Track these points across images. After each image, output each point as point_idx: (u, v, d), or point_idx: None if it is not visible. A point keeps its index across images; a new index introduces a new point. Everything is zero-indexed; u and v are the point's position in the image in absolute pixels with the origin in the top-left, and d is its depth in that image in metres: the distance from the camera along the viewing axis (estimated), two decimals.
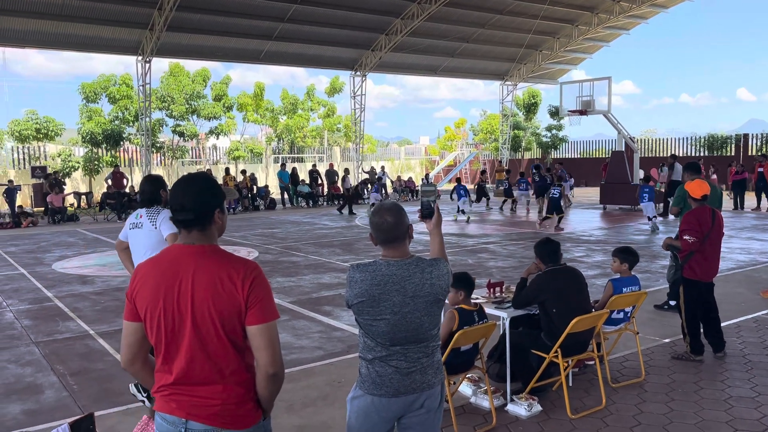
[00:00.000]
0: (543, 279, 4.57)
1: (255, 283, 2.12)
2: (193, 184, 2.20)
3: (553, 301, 4.45)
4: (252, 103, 33.09)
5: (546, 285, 4.52)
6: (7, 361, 5.86)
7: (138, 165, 28.33)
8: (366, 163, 33.31)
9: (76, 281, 9.71)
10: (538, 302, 4.54)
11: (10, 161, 26.74)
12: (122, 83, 27.50)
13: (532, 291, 4.58)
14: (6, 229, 18.05)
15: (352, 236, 14.75)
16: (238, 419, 2.15)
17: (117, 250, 4.78)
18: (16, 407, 4.76)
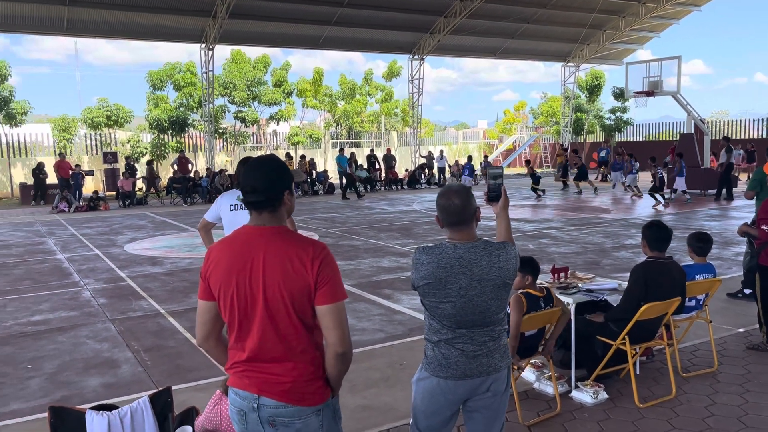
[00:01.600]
0: (636, 272, 4.32)
1: (324, 264, 2.16)
2: (264, 167, 2.24)
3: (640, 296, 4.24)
4: (311, 88, 33.40)
5: (637, 277, 4.27)
6: (86, 336, 6.17)
7: (201, 150, 29.13)
8: (423, 148, 33.17)
9: (147, 262, 10.11)
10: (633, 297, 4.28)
11: (83, 147, 27.95)
12: (186, 71, 28.26)
13: (629, 288, 4.32)
14: (80, 212, 18.94)
15: (410, 221, 14.76)
16: (308, 396, 2.19)
17: (200, 230, 4.89)
18: (95, 380, 5.02)
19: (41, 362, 5.47)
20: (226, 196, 4.82)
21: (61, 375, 5.16)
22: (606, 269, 8.56)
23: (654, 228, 4.33)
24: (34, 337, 6.20)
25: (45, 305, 7.44)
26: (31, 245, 12.21)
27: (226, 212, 4.74)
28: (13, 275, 9.28)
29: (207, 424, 2.70)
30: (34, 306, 7.41)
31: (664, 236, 4.32)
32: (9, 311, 7.20)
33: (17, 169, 24.90)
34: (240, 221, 4.71)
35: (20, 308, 7.31)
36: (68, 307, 7.36)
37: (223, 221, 4.79)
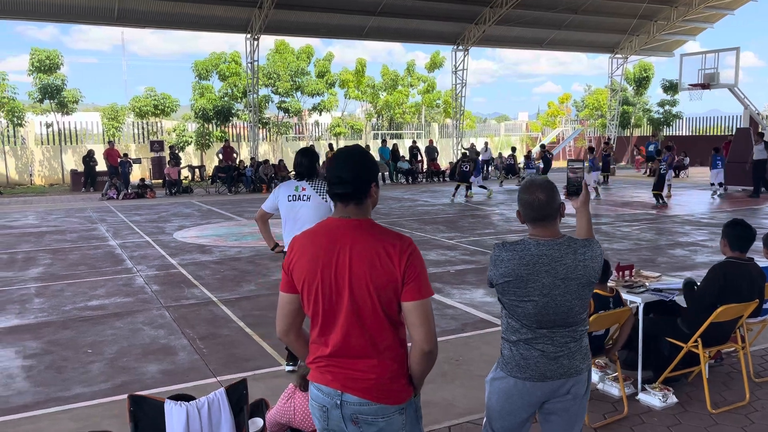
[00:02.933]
0: (714, 271, 4.12)
1: (412, 259, 2.09)
2: (352, 158, 2.18)
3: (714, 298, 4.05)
4: (353, 79, 33.39)
5: (713, 278, 4.08)
6: (142, 323, 6.27)
7: (245, 140, 29.43)
8: (465, 140, 32.86)
9: (196, 250, 10.24)
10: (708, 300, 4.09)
11: (131, 136, 28.54)
12: (231, 61, 28.54)
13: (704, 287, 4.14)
14: (128, 199, 19.35)
15: (454, 213, 14.62)
16: (392, 394, 2.13)
17: (258, 221, 4.92)
18: (153, 367, 5.08)
19: (101, 347, 5.56)
20: (283, 186, 4.81)
21: (120, 360, 5.23)
22: (662, 267, 8.29)
23: (738, 227, 4.12)
24: (92, 321, 6.32)
25: (101, 290, 7.59)
26: (84, 231, 12.51)
27: (284, 203, 4.73)
28: (69, 260, 9.51)
29: (279, 417, 2.67)
30: (90, 291, 7.57)
31: (748, 236, 4.10)
32: (67, 296, 7.36)
33: (68, 156, 25.58)
34: (298, 212, 4.74)
35: (78, 293, 7.48)
36: (123, 293, 7.49)
37: (281, 211, 4.78)
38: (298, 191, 4.68)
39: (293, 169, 4.92)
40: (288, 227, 4.72)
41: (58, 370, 5.01)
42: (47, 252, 10.20)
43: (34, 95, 24.28)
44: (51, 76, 24.23)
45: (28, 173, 24.95)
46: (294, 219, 4.67)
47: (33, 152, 25.43)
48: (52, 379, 4.83)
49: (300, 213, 4.65)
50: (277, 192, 4.81)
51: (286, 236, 4.76)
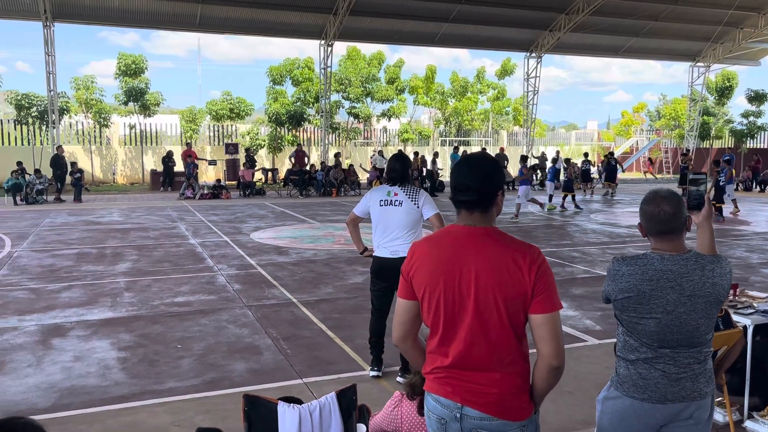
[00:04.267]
0: None
1: (541, 270, 2.02)
2: (479, 165, 2.13)
3: None
4: (423, 85, 33.40)
5: None
6: (226, 321, 6.41)
7: (315, 144, 29.91)
8: (535, 148, 32.29)
9: (273, 251, 10.43)
10: None
11: (207, 138, 29.49)
12: (305, 66, 29.09)
13: None
14: (205, 199, 19.97)
15: (527, 223, 14.34)
16: (514, 410, 2.07)
17: (349, 224, 4.97)
18: (240, 365, 5.17)
19: (189, 342, 5.72)
20: (376, 191, 4.83)
21: (208, 357, 5.36)
22: (756, 287, 7.84)
23: None
24: (179, 317, 6.52)
25: (185, 287, 7.82)
26: (166, 229, 12.97)
27: (375, 207, 4.74)
28: (154, 257, 9.87)
29: (386, 425, 2.64)
30: (175, 287, 7.81)
31: None
32: (154, 291, 7.63)
33: (148, 157, 26.67)
34: (389, 217, 4.74)
35: (164, 289, 7.73)
36: (206, 291, 7.69)
37: (372, 216, 4.79)
38: (390, 196, 4.69)
39: (386, 174, 4.93)
40: (378, 232, 4.72)
41: (151, 364, 5.18)
42: (133, 248, 10.63)
43: (120, 98, 25.45)
44: (135, 79, 25.35)
45: (112, 172, 26.15)
46: (385, 224, 4.67)
47: (116, 152, 26.65)
48: (146, 372, 5.00)
49: (391, 218, 4.65)
50: (369, 196, 4.83)
51: (376, 240, 4.77)
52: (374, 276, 4.88)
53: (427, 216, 4.65)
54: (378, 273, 4.81)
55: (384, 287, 4.84)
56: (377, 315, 4.92)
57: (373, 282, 4.91)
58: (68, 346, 5.58)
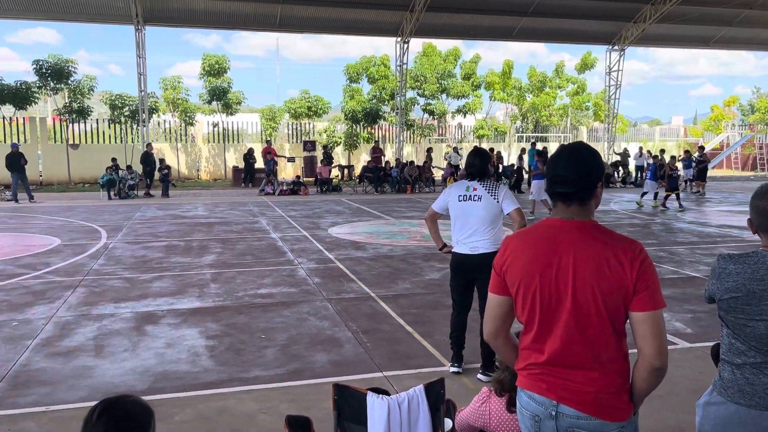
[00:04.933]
0: None
1: (644, 266, 1.94)
2: (577, 156, 2.07)
3: None
4: (499, 81, 32.91)
5: None
6: (307, 313, 6.55)
7: (390, 141, 30.06)
8: (617, 144, 31.17)
9: (350, 246, 10.57)
10: None
11: (285, 136, 30.22)
12: (381, 64, 29.28)
13: None
14: (283, 195, 20.48)
15: (610, 221, 13.87)
16: (613, 411, 2.00)
17: (427, 220, 4.99)
18: (322, 356, 5.27)
19: (273, 333, 5.88)
20: (454, 186, 4.81)
21: (291, 348, 5.49)
22: None
23: None
24: (263, 308, 6.71)
25: (267, 280, 8.05)
26: (248, 224, 13.39)
27: (454, 203, 4.71)
28: (237, 250, 10.21)
29: (473, 421, 2.63)
30: (258, 280, 8.05)
31: None
32: (238, 283, 7.89)
33: (230, 154, 27.61)
34: (469, 212, 4.69)
35: (247, 281, 7.99)
36: (288, 283, 7.89)
37: (451, 212, 4.77)
38: (469, 191, 4.66)
39: (465, 169, 4.90)
40: (458, 227, 4.70)
41: (237, 352, 5.36)
42: (217, 241, 11.03)
43: (204, 97, 26.46)
44: (218, 79, 26.28)
45: (196, 168, 27.24)
46: (464, 219, 4.65)
47: (201, 149, 27.74)
48: (233, 360, 5.17)
49: (471, 213, 4.62)
50: (448, 192, 4.82)
51: (455, 236, 4.75)
52: (453, 272, 4.86)
53: (507, 210, 4.58)
54: (457, 269, 4.79)
55: (464, 283, 4.81)
56: (457, 311, 4.90)
57: (453, 278, 4.89)
58: (160, 333, 5.85)
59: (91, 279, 8.02)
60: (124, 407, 1.92)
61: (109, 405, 1.90)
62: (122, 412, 1.90)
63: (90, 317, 6.34)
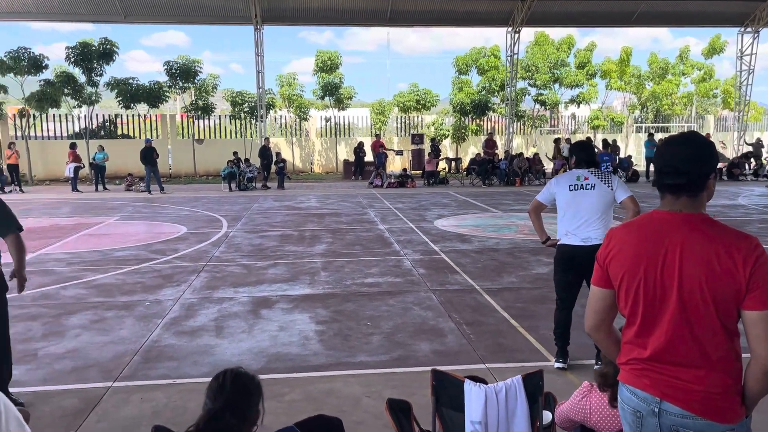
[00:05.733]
0: None
1: (759, 263, 1.85)
2: (689, 146, 1.99)
3: None
4: (616, 69, 31.41)
5: None
6: (411, 303, 6.67)
7: (499, 133, 29.60)
8: (748, 134, 28.81)
9: (456, 239, 10.59)
10: None
11: (394, 129, 30.60)
12: (491, 55, 28.88)
13: None
14: (391, 187, 20.80)
15: (737, 217, 12.91)
16: (722, 412, 1.92)
17: (531, 212, 4.96)
18: (425, 346, 5.36)
19: (378, 321, 6.05)
20: (562, 177, 4.75)
21: (395, 335, 5.63)
22: None
23: None
24: (369, 297, 6.91)
25: (374, 269, 8.26)
26: (357, 215, 13.76)
27: (564, 193, 4.63)
28: (346, 240, 10.54)
29: (573, 414, 2.61)
30: (365, 269, 8.29)
31: None
32: (347, 272, 8.16)
33: (341, 147, 28.39)
34: (580, 201, 4.60)
35: (355, 270, 8.24)
36: (393, 273, 8.05)
37: (559, 202, 4.69)
38: (580, 180, 4.59)
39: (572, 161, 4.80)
40: (568, 217, 4.63)
41: (345, 338, 5.57)
42: (328, 232, 11.44)
43: (317, 93, 27.36)
44: (331, 75, 27.06)
45: (309, 162, 28.27)
46: (575, 209, 4.58)
47: (314, 143, 28.75)
48: (340, 345, 5.39)
49: (583, 202, 4.55)
50: (555, 182, 4.76)
51: (563, 227, 4.67)
52: (561, 266, 4.77)
53: (620, 198, 4.48)
54: (566, 262, 4.69)
55: (572, 278, 4.71)
56: (563, 306, 4.81)
57: (560, 272, 4.80)
58: (274, 317, 6.20)
59: (213, 265, 8.61)
60: (246, 378, 2.12)
61: (237, 375, 2.11)
62: (245, 382, 2.10)
63: (212, 300, 6.83)
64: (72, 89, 22.98)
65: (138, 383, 4.61)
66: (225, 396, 2.07)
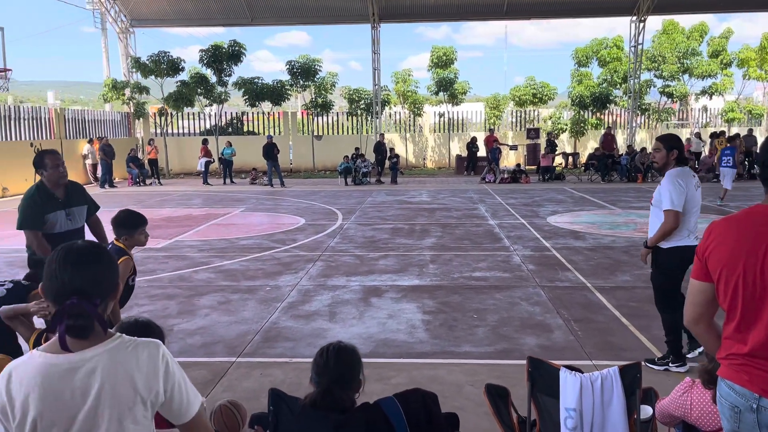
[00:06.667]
0: None
1: None
2: None
3: None
4: (756, 57, 28.93)
5: None
6: (519, 298, 6.68)
7: (621, 127, 28.29)
8: None
9: (569, 235, 10.37)
10: None
11: (509, 124, 30.14)
12: (613, 46, 27.64)
13: None
14: (504, 183, 20.57)
15: None
16: None
17: (674, 228, 4.73)
18: (531, 340, 5.39)
19: (484, 314, 6.13)
20: (683, 175, 4.59)
21: (501, 329, 5.69)
22: None
23: None
24: (476, 290, 7.00)
25: (482, 264, 8.32)
26: (467, 210, 13.81)
27: (692, 192, 4.61)
28: (455, 234, 10.65)
29: (673, 410, 2.59)
30: (473, 263, 8.36)
31: None
32: (455, 265, 8.28)
33: (454, 143, 28.40)
34: (699, 199, 4.53)
35: (463, 264, 8.34)
36: (501, 268, 8.07)
37: (688, 205, 4.52)
38: (695, 178, 4.61)
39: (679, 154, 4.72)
40: (693, 218, 4.65)
41: (450, 328, 5.71)
42: (438, 226, 11.60)
43: (432, 88, 27.52)
44: (446, 70, 27.12)
45: (422, 157, 28.54)
46: (697, 208, 4.68)
47: (427, 139, 28.98)
48: (446, 335, 5.54)
49: (699, 201, 4.59)
50: (683, 183, 4.47)
51: (688, 228, 4.58)
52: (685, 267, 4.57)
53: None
54: (689, 263, 4.57)
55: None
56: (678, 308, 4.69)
57: (681, 273, 4.65)
58: (383, 305, 6.46)
59: (328, 255, 9.05)
60: (347, 352, 2.34)
61: (339, 350, 2.33)
62: (347, 356, 2.32)
63: (326, 287, 7.22)
64: (204, 89, 24.73)
65: (258, 360, 5.03)
66: (330, 372, 2.29)
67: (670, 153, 4.58)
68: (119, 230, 3.90)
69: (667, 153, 4.58)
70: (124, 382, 1.57)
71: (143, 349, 1.62)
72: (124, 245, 3.89)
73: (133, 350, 1.61)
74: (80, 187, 4.93)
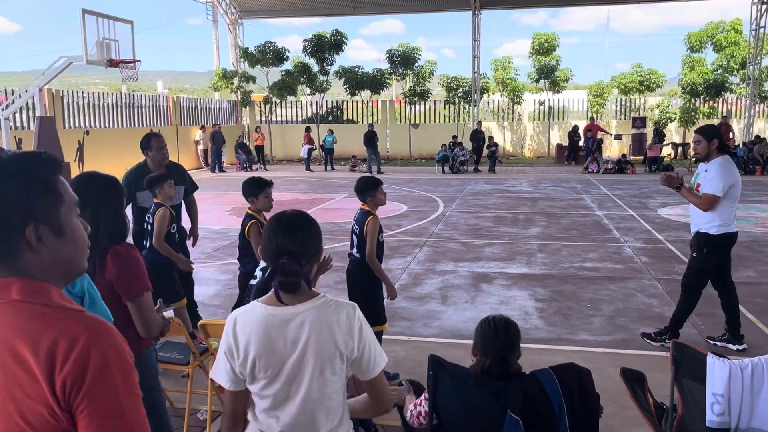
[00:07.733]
0: None
1: None
2: None
3: None
4: None
5: None
6: (634, 289, 6.56)
7: (736, 116, 26.59)
8: None
9: (683, 228, 9.96)
10: None
11: (612, 112, 29.02)
12: (731, 29, 25.93)
13: None
14: (608, 173, 19.92)
15: None
16: None
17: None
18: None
19: (598, 304, 6.09)
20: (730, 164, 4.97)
21: (617, 319, 5.64)
22: None
23: None
24: (588, 280, 6.93)
25: (593, 255, 8.19)
26: (572, 200, 13.53)
27: (738, 181, 4.71)
28: (561, 224, 10.50)
29: None
30: (583, 254, 8.25)
31: None
32: (564, 255, 8.21)
33: (554, 132, 27.73)
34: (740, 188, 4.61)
35: (573, 254, 8.25)
36: (613, 260, 7.92)
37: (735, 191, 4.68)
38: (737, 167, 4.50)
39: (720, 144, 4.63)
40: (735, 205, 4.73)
41: (565, 316, 5.72)
42: (542, 215, 11.47)
43: (532, 76, 26.98)
44: (547, 57, 26.48)
45: (520, 146, 28.09)
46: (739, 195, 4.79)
47: (526, 127, 28.47)
48: (561, 323, 5.56)
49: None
50: (733, 174, 4.69)
51: (729, 215, 4.90)
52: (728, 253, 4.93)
53: None
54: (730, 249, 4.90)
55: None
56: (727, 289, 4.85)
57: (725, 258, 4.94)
58: (494, 291, 6.55)
59: (434, 240, 9.21)
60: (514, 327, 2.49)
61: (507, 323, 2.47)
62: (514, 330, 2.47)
63: (435, 272, 7.38)
64: (307, 78, 25.49)
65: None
66: (501, 340, 2.43)
67: (710, 143, 4.67)
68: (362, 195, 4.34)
69: (708, 143, 4.66)
70: (327, 336, 1.79)
71: (343, 309, 1.84)
72: (370, 207, 4.33)
73: (335, 309, 1.83)
74: (181, 168, 5.34)
